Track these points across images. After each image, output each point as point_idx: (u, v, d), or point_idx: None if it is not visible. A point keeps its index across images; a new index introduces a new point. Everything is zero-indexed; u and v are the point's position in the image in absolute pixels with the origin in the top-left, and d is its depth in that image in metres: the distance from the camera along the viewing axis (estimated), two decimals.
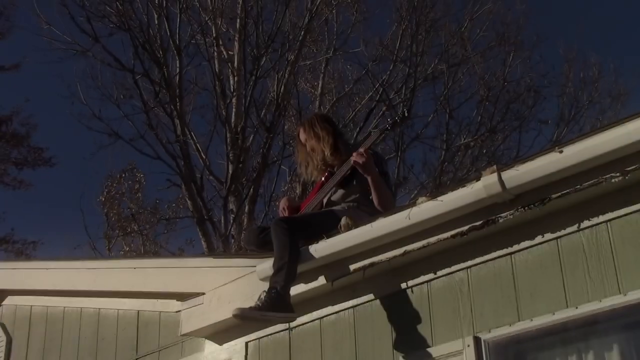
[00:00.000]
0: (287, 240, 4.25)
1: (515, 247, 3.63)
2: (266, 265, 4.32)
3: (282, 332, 4.44)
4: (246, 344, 4.58)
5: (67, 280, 5.83)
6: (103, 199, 16.76)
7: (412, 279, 3.97)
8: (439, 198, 3.73)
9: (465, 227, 3.69)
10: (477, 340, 3.61)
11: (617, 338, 3.30)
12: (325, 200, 4.90)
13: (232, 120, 14.92)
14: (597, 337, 3.34)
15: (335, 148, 4.96)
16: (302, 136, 5.11)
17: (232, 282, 4.61)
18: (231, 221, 13.88)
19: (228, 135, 14.64)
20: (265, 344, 4.51)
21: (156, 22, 15.01)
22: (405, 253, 3.90)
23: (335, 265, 4.17)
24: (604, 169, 3.30)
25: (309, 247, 4.23)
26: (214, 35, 15.67)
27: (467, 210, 3.66)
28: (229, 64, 15.59)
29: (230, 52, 15.80)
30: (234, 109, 15.07)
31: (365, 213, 4.69)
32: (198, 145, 14.79)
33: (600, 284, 3.33)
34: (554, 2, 25.53)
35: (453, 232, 3.73)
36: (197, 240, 14.84)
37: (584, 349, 3.38)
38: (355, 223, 4.19)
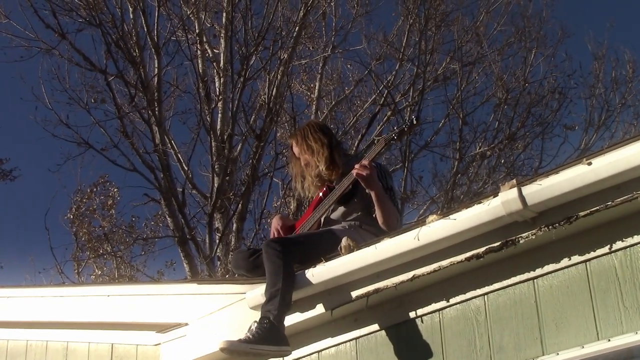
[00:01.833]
0: (280, 264, 4.26)
1: (538, 272, 3.64)
2: (257, 292, 4.33)
3: None
4: None
5: (30, 310, 5.83)
6: (71, 216, 16.74)
7: (422, 307, 3.99)
8: (451, 216, 3.75)
9: (482, 249, 3.70)
10: None
11: None
12: (323, 219, 4.92)
13: (218, 127, 14.95)
14: None
15: (331, 161, 4.98)
16: (295, 149, 5.14)
17: (219, 311, 4.62)
18: (217, 241, 13.89)
19: (213, 143, 14.66)
20: None
21: (131, 16, 15.04)
22: (413, 278, 3.91)
23: (335, 292, 4.18)
24: (638, 183, 3.31)
25: (306, 271, 4.24)
26: (197, 31, 15.72)
27: (483, 229, 3.67)
28: (214, 64, 15.63)
29: (215, 50, 15.85)
30: (219, 115, 15.10)
31: (368, 233, 4.71)
32: (179, 155, 14.82)
33: (635, 313, 3.33)
34: None
35: (468, 255, 3.74)
36: (179, 262, 14.86)
37: None
38: (357, 244, 4.20)
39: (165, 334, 4.83)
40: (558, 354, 3.47)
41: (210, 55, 15.80)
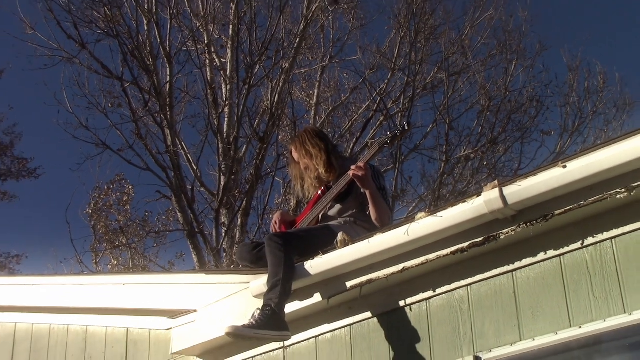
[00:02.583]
0: (282, 256, 4.26)
1: (517, 264, 3.65)
2: (260, 282, 4.33)
3: (276, 351, 4.45)
4: None
5: (53, 297, 5.83)
6: (90, 211, 16.70)
7: (411, 296, 3.99)
8: (438, 214, 3.76)
9: (466, 244, 3.71)
10: None
11: (622, 359, 3.32)
12: (321, 215, 4.93)
13: (224, 130, 14.94)
14: (601, 358, 3.35)
15: (329, 165, 4.99)
16: (295, 154, 5.13)
17: (225, 299, 4.62)
18: (223, 235, 13.88)
19: (220, 145, 14.65)
20: None
21: (146, 28, 15.02)
22: (403, 270, 3.91)
23: (331, 282, 4.19)
24: (608, 185, 3.33)
25: (305, 263, 4.25)
26: (206, 42, 15.70)
27: (467, 226, 3.69)
28: (221, 72, 15.61)
29: (222, 60, 15.83)
30: (226, 119, 15.09)
31: (362, 228, 4.72)
32: (189, 155, 14.80)
33: (604, 303, 3.35)
34: (558, 9, 25.66)
35: (453, 249, 3.75)
36: (188, 254, 14.83)
37: None
38: (352, 239, 4.21)
39: (176, 319, 4.83)
40: (534, 339, 3.49)
41: (218, 64, 15.78)
